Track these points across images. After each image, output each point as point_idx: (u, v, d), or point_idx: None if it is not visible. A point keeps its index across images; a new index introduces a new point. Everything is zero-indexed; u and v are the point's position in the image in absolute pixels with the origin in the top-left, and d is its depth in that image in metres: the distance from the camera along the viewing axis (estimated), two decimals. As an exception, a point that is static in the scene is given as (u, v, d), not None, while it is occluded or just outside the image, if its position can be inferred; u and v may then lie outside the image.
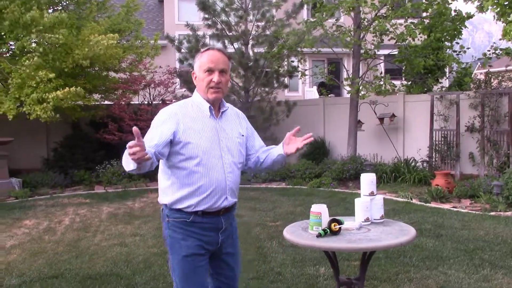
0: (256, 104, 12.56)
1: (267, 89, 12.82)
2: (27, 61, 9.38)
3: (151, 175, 11.32)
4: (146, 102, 12.46)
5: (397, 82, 12.80)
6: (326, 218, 3.35)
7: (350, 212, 3.50)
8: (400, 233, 3.28)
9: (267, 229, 6.76)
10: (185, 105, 2.77)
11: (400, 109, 11.89)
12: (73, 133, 12.55)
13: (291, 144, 2.89)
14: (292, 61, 12.88)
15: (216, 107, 2.81)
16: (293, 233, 3.37)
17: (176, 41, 12.05)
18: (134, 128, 2.28)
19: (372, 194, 3.56)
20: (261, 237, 6.34)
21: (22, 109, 9.89)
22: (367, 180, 3.56)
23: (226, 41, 12.34)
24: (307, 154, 12.39)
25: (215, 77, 2.69)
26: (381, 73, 14.00)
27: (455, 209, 7.86)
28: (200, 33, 12.12)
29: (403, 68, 13.64)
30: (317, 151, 12.53)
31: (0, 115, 10.06)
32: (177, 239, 2.72)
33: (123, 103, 11.75)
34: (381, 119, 11.90)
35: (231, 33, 12.20)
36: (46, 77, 9.47)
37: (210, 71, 2.70)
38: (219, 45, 12.41)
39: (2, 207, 8.83)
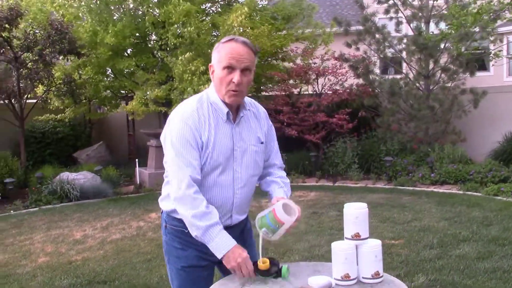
0: (438, 92, 10.71)
1: (454, 75, 10.82)
2: (181, 55, 9.53)
3: (306, 172, 10.61)
4: (314, 92, 11.70)
5: None
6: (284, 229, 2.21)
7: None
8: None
9: (374, 249, 5.46)
10: (201, 107, 2.30)
11: None
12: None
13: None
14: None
15: (235, 110, 2.35)
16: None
17: (344, 23, 10.93)
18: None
19: (357, 237, 2.29)
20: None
21: None
22: (351, 214, 2.30)
23: (401, 20, 10.78)
24: (499, 153, 10.13)
25: (236, 76, 2.21)
26: None
27: None
28: (370, 11, 10.81)
29: None
30: (515, 149, 10.14)
31: None
32: (174, 247, 2.43)
33: (283, 93, 11.19)
34: None
35: (406, 10, 10.60)
36: (198, 69, 9.48)
37: (230, 68, 2.21)
38: (391, 25, 10.91)
39: (152, 196, 9.09)
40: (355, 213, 2.29)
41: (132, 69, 10.61)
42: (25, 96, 10.23)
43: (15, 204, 8.54)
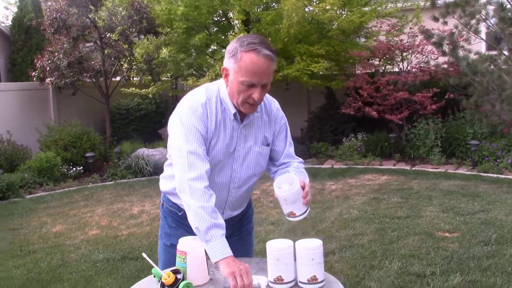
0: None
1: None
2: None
3: (385, 154, 10.11)
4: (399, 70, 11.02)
5: None
6: (196, 264, 2.10)
7: None
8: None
9: (426, 241, 5.05)
10: (210, 102, 2.20)
11: None
12: (326, 103, 12.16)
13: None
14: None
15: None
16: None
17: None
18: None
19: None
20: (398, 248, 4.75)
21: None
22: (281, 193, 2.07)
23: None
24: None
25: (256, 94, 2.09)
26: None
27: None
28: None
29: None
30: None
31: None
32: (167, 225, 2.44)
33: (365, 71, 10.64)
34: None
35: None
36: None
37: (250, 85, 2.08)
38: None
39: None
40: (284, 193, 2.06)
41: (209, 45, 10.66)
42: (110, 74, 10.71)
43: (93, 177, 9.06)
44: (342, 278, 4.16)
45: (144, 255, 2.16)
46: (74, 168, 9.30)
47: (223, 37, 11.36)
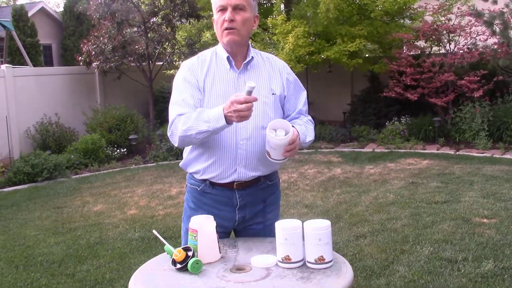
0: None
1: None
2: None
3: (428, 138, 9.86)
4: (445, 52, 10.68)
5: None
6: (206, 242, 2.15)
7: None
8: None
9: (461, 226, 4.93)
10: (203, 55, 2.40)
11: None
12: (370, 86, 11.95)
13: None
14: None
15: (238, 57, 2.34)
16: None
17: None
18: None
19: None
20: (436, 235, 4.67)
21: None
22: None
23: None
24: None
25: (227, 14, 2.26)
26: None
27: None
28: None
29: None
30: None
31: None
32: (189, 207, 2.47)
33: (408, 53, 10.36)
34: None
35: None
36: (297, 34, 9.34)
37: (222, 9, 2.28)
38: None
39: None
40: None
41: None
42: (153, 58, 10.89)
43: (135, 159, 9.30)
44: (370, 262, 4.14)
45: (154, 232, 2.22)
46: (118, 150, 9.57)
47: (265, 20, 11.31)
